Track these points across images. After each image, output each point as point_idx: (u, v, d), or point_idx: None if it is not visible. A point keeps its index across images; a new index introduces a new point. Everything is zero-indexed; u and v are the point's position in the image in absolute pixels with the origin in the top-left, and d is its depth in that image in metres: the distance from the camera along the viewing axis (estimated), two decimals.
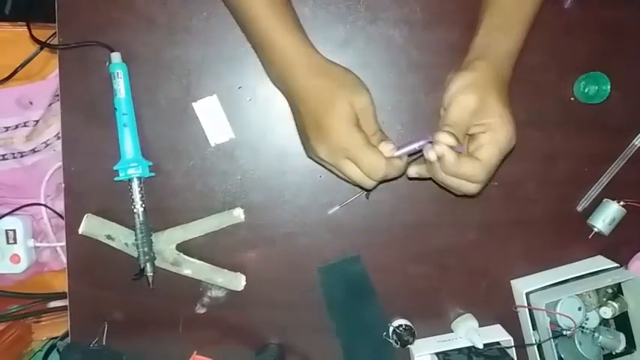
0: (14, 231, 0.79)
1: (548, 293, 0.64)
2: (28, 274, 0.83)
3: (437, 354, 0.64)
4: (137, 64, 0.59)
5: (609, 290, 0.67)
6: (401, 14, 0.61)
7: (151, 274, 0.61)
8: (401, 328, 0.63)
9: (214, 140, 0.61)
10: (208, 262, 0.62)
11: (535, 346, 0.64)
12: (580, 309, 0.64)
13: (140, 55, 0.60)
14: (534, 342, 0.64)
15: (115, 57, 0.58)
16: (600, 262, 0.66)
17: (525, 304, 0.64)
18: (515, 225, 0.66)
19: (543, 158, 0.65)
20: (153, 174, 0.61)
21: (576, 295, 0.64)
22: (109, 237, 0.61)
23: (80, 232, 0.60)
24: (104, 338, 0.63)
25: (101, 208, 0.61)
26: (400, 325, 0.64)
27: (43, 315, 0.84)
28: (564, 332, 0.64)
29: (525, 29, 0.55)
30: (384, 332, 0.65)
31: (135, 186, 0.59)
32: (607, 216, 0.65)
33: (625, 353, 0.67)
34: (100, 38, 0.58)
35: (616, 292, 0.67)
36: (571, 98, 0.64)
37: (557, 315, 0.63)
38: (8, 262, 0.79)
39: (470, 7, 0.57)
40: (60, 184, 0.80)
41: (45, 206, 0.82)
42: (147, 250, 0.60)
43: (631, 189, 0.66)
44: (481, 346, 0.62)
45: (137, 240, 0.60)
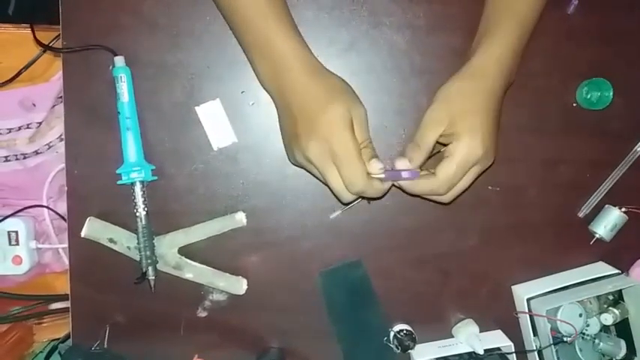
0: (16, 232, 0.79)
1: (549, 299, 0.64)
2: (30, 276, 0.83)
3: (437, 359, 0.64)
4: (140, 68, 0.60)
5: (610, 297, 0.67)
6: (404, 19, 0.61)
7: (153, 278, 0.61)
8: (402, 333, 0.63)
9: (217, 144, 0.61)
10: (210, 266, 0.63)
11: (536, 352, 0.64)
12: (581, 315, 0.64)
13: (143, 59, 0.60)
14: (535, 348, 0.64)
15: (119, 61, 0.58)
16: (601, 269, 0.66)
17: (526, 310, 0.64)
18: (516, 230, 0.66)
19: (545, 164, 0.65)
20: (155, 177, 0.61)
21: (577, 302, 0.64)
22: (112, 240, 0.61)
23: (82, 235, 0.61)
24: (106, 341, 0.63)
25: (103, 211, 0.62)
26: (401, 330, 0.64)
27: (45, 316, 0.84)
28: (565, 338, 0.64)
29: (519, 28, 0.54)
30: (385, 337, 0.65)
31: (137, 190, 0.59)
32: (608, 222, 0.65)
33: None
34: (104, 42, 0.59)
35: (617, 299, 0.67)
36: (573, 104, 0.64)
37: (557, 321, 0.63)
38: (10, 264, 0.79)
39: (473, 13, 0.58)
40: (62, 186, 0.81)
41: (47, 208, 0.82)
42: (149, 254, 0.60)
43: (633, 195, 0.66)
44: (482, 352, 0.62)
45: (139, 243, 0.60)
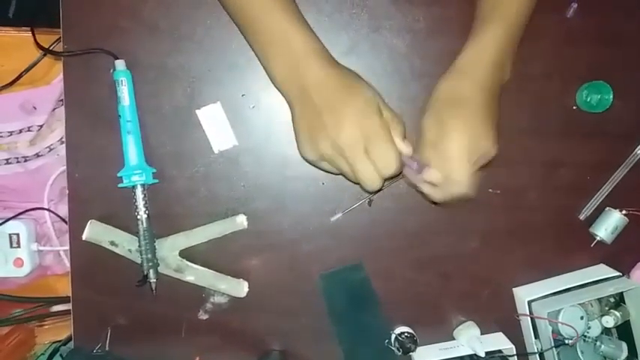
0: (18, 235, 0.79)
1: (550, 302, 0.64)
2: (32, 278, 0.83)
3: None
4: (141, 72, 0.60)
5: (611, 299, 0.67)
6: (404, 23, 0.61)
7: (154, 281, 0.61)
8: (403, 336, 0.63)
9: (218, 147, 0.61)
10: (211, 269, 0.63)
11: (537, 355, 0.64)
12: (582, 318, 0.64)
13: (144, 63, 0.60)
14: (536, 350, 0.64)
15: (120, 64, 0.58)
16: (602, 271, 0.66)
17: (527, 313, 0.64)
18: (517, 233, 0.66)
19: (545, 166, 0.65)
20: (157, 180, 0.61)
21: (578, 304, 0.64)
22: (113, 243, 0.61)
23: (84, 238, 0.61)
24: (107, 344, 0.63)
25: (105, 214, 0.62)
26: (402, 333, 0.64)
27: (47, 319, 0.85)
28: (566, 341, 0.64)
29: (505, 24, 0.54)
30: (386, 339, 0.65)
31: (139, 193, 0.60)
32: (609, 225, 0.64)
33: None
34: (105, 45, 0.59)
35: (618, 301, 0.67)
36: (573, 107, 0.64)
37: (559, 324, 0.63)
38: (12, 266, 0.79)
39: (472, 17, 0.57)
40: (63, 189, 0.81)
41: (48, 210, 0.82)
42: (150, 257, 0.60)
43: (633, 198, 0.66)
44: (483, 354, 0.62)
45: (140, 246, 0.60)
